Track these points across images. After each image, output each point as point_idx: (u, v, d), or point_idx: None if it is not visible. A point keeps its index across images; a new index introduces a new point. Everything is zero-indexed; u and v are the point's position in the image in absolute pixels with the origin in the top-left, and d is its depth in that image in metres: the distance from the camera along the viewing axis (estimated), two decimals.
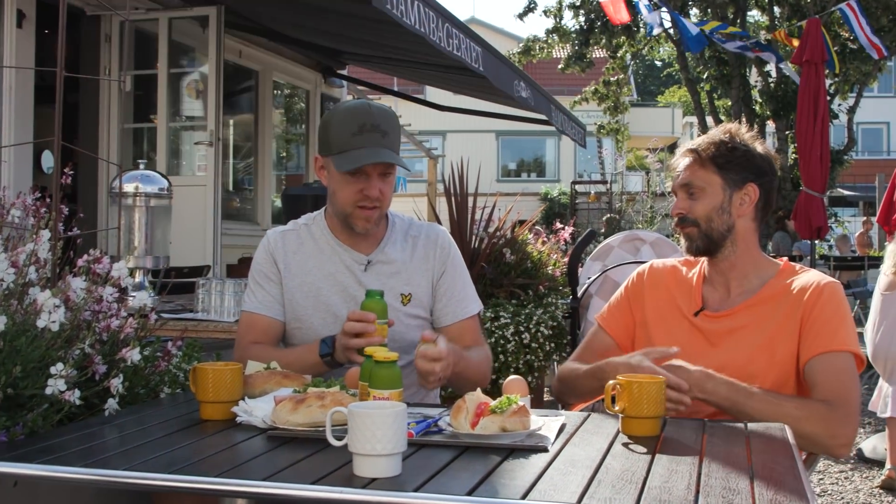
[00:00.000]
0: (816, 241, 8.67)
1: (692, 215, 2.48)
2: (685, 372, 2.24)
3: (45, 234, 2.15)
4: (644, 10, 9.98)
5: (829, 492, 5.08)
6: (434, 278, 2.67)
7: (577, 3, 17.92)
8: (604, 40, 18.08)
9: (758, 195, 2.48)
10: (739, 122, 2.62)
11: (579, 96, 19.39)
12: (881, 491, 5.07)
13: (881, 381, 5.33)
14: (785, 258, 2.61)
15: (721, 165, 2.46)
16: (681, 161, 2.54)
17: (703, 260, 2.57)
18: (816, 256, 11.24)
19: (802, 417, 2.17)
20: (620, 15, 10.53)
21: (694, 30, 10.57)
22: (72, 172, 2.82)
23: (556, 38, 18.46)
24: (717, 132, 2.54)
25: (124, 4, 6.72)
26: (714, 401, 2.23)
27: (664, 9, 10.97)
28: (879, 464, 5.61)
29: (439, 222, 5.74)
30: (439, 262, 2.68)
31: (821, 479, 5.26)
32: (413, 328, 2.62)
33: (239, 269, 8.10)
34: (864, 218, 19.43)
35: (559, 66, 18.57)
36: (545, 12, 18.46)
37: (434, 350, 2.27)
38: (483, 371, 2.63)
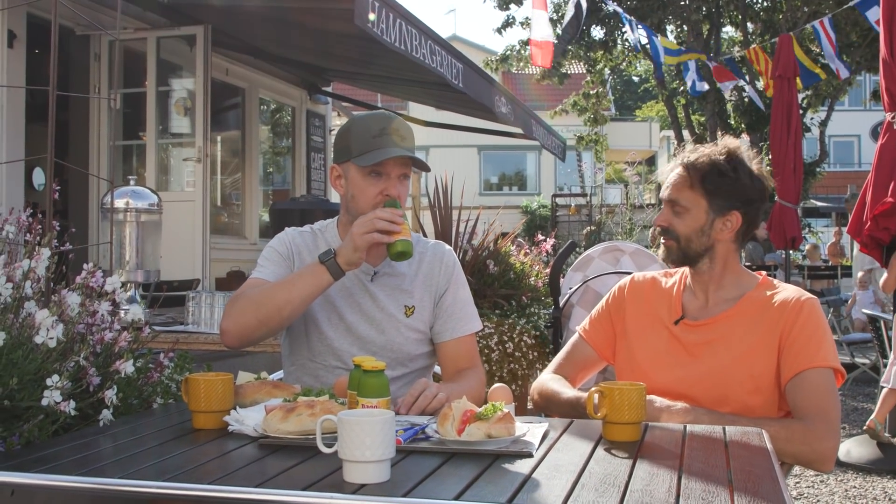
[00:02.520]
0: (791, 252, 8.81)
1: (673, 230, 2.51)
2: (668, 412, 2.29)
3: (46, 252, 2.19)
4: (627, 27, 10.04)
5: (805, 495, 5.12)
6: (437, 295, 2.70)
7: (554, 18, 18.00)
8: (581, 53, 18.18)
9: (740, 222, 2.49)
10: (715, 136, 2.63)
11: (559, 107, 19.50)
12: (855, 494, 5.14)
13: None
14: (763, 273, 2.63)
15: (709, 190, 2.46)
16: (672, 173, 2.54)
17: (684, 269, 2.60)
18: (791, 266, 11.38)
19: (784, 438, 2.21)
20: (544, 61, 10.41)
21: (660, 57, 10.70)
22: (59, 188, 2.85)
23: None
24: (715, 150, 2.50)
25: (113, 24, 6.75)
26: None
27: (641, 28, 11.05)
28: (854, 467, 5.70)
29: (424, 235, 5.79)
30: (443, 279, 2.71)
31: (797, 482, 5.31)
32: (412, 341, 2.66)
33: (227, 283, 8.13)
34: (836, 228, 19.61)
35: (535, 77, 18.68)
36: (522, 24, 18.55)
37: (412, 392, 2.26)
38: (475, 401, 2.59)
